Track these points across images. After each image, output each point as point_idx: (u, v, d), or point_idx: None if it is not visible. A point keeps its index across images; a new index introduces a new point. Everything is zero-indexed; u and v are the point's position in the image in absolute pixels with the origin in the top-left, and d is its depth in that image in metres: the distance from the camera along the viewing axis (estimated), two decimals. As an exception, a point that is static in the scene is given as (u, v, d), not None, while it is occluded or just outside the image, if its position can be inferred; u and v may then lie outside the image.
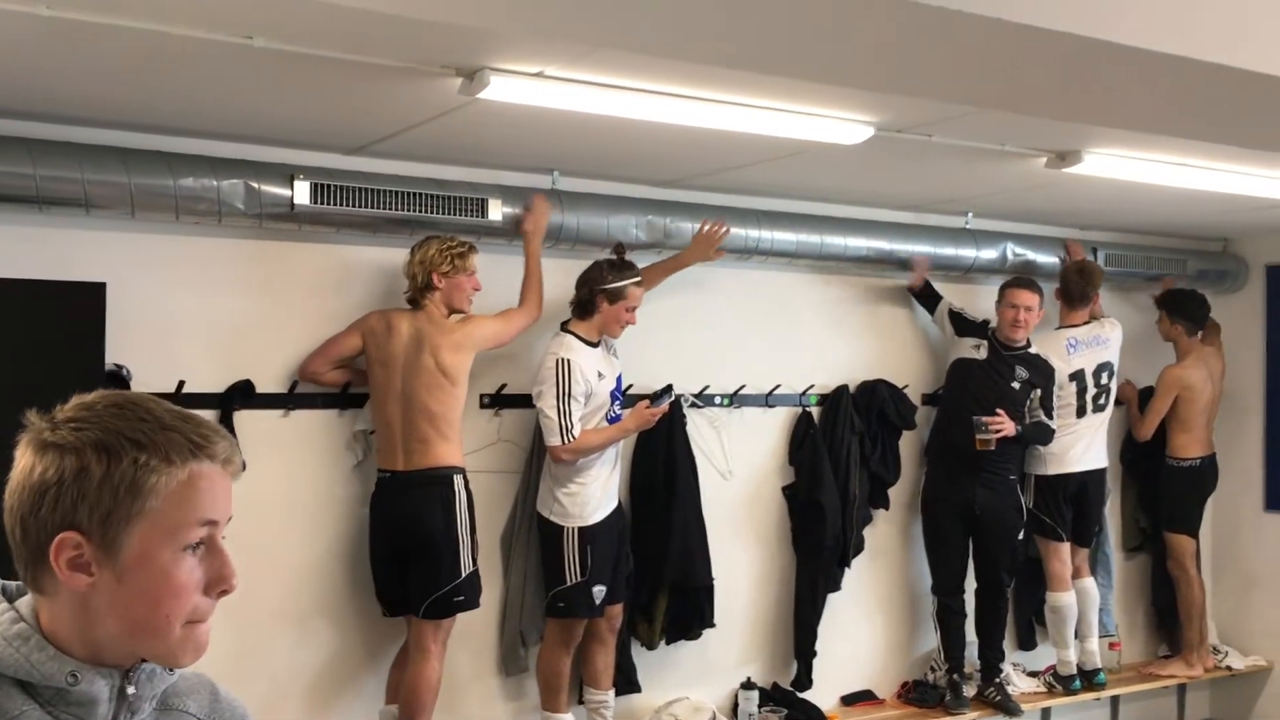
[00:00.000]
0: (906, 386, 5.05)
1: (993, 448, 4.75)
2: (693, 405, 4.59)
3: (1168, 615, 5.80)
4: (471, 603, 3.84)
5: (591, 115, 3.17)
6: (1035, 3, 1.81)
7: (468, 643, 4.12)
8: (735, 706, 4.63)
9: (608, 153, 3.90)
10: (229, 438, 1.22)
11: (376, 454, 3.88)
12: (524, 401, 4.14)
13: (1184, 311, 5.47)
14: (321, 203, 3.63)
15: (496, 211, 3.94)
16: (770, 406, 4.82)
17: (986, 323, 5.00)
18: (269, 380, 3.84)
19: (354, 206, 3.69)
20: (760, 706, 4.59)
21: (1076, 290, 5.08)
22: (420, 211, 3.80)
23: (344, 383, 3.91)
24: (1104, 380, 5.19)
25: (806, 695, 4.78)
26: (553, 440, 3.90)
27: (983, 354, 4.92)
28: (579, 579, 3.99)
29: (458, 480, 3.79)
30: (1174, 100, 2.28)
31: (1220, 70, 1.89)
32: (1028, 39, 1.90)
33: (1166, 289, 5.56)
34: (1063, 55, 1.97)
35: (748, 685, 4.62)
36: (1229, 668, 5.75)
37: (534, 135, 3.63)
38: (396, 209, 3.76)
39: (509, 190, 4.00)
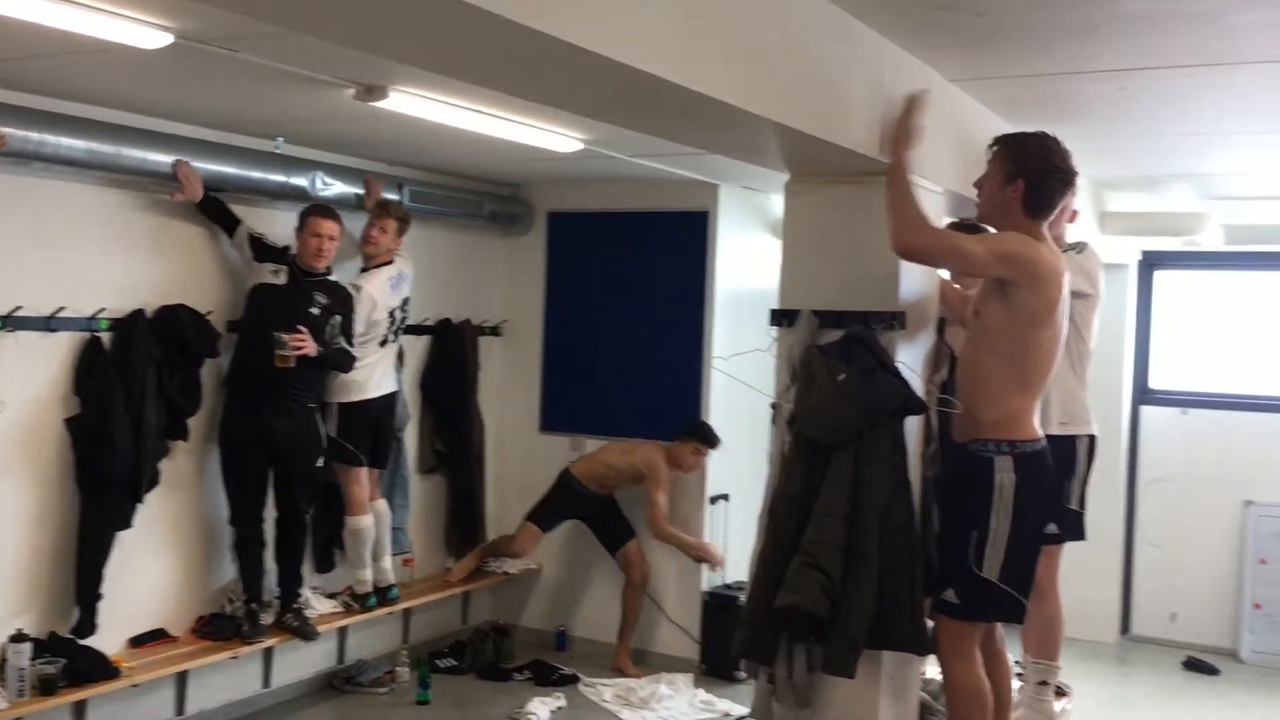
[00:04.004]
0: (210, 313, 4.86)
1: (292, 365, 4.75)
2: (-47, 328, 4.00)
3: (457, 530, 6.30)
4: None
5: None
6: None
7: None
8: (4, 662, 4.16)
9: None
10: None
11: None
12: None
13: None
14: None
15: None
16: (52, 331, 4.35)
17: (287, 249, 4.98)
18: None
19: None
20: (34, 659, 4.17)
21: (402, 229, 5.37)
22: None
23: None
24: (405, 312, 5.47)
25: (90, 641, 4.45)
26: None
27: (283, 279, 4.89)
28: None
29: None
30: (458, 45, 2.36)
31: (501, 22, 1.99)
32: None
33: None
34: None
35: (18, 638, 4.17)
36: (506, 572, 6.38)
37: None
38: None
39: None
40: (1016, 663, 4.42)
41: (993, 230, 3.37)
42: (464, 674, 5.98)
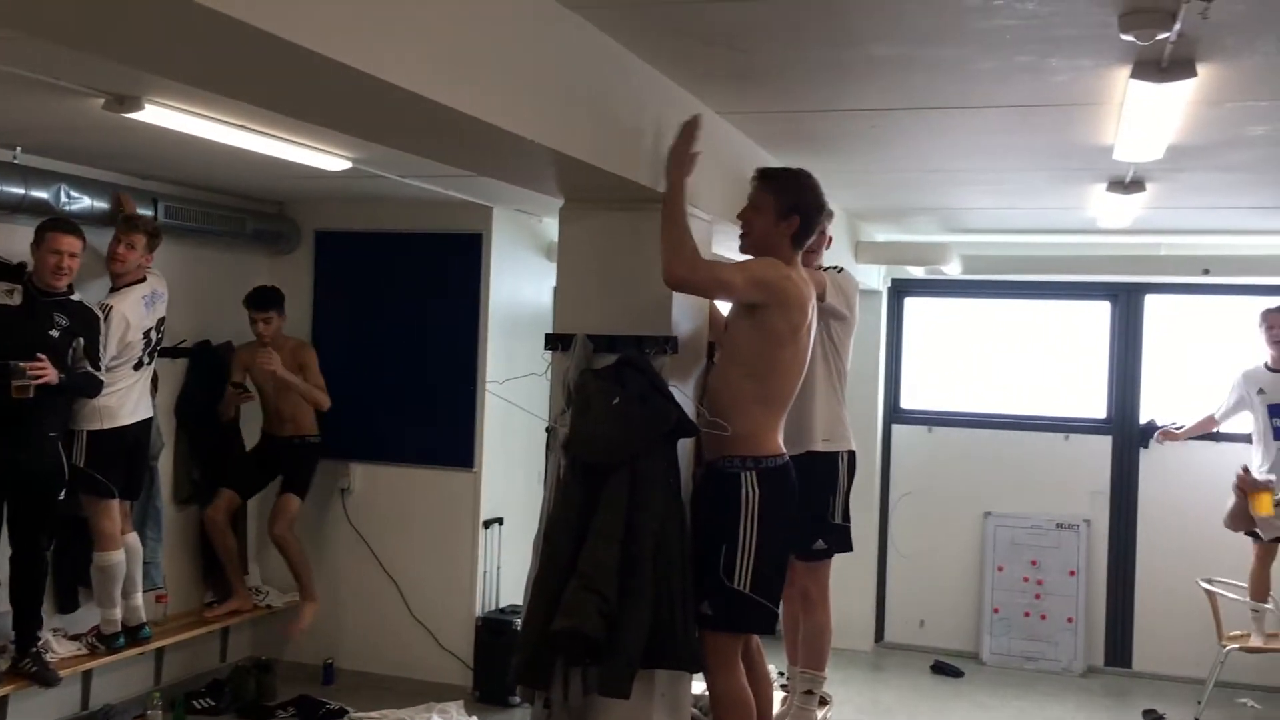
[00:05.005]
0: (-65, 334, 4.47)
1: (30, 395, 4.42)
2: None
3: (215, 563, 6.00)
4: None
5: None
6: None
7: None
8: None
9: None
10: None
11: None
12: None
13: None
14: None
15: None
16: None
17: (23, 266, 4.66)
18: None
19: None
20: None
21: (153, 245, 5.09)
22: None
23: None
24: (161, 333, 5.20)
25: None
26: None
27: (17, 300, 4.58)
28: None
29: None
30: (217, 59, 2.25)
31: (251, 32, 1.90)
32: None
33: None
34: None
35: None
36: (269, 606, 6.14)
37: None
38: None
39: None
40: (780, 674, 4.58)
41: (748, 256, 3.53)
42: (223, 714, 5.72)
